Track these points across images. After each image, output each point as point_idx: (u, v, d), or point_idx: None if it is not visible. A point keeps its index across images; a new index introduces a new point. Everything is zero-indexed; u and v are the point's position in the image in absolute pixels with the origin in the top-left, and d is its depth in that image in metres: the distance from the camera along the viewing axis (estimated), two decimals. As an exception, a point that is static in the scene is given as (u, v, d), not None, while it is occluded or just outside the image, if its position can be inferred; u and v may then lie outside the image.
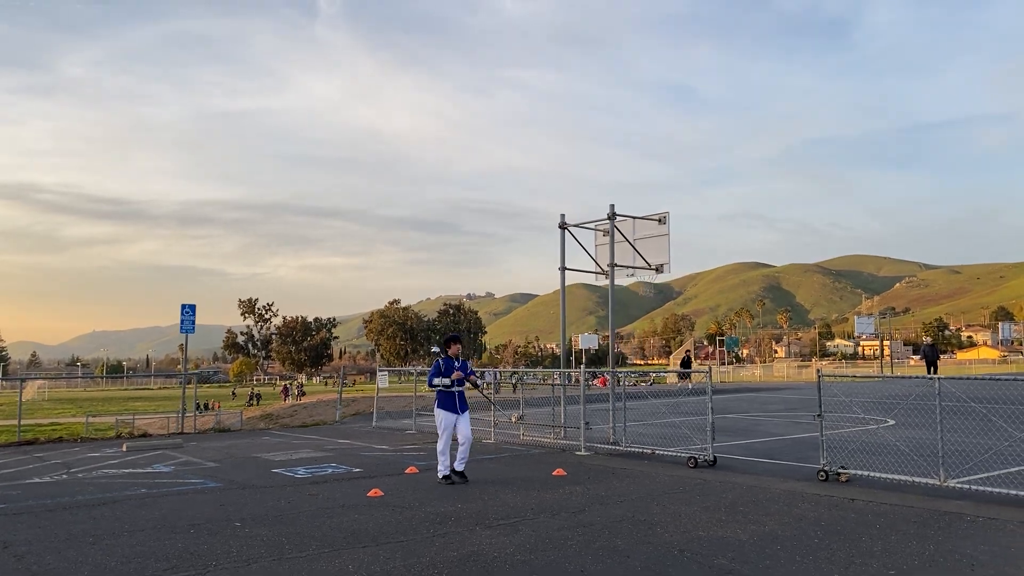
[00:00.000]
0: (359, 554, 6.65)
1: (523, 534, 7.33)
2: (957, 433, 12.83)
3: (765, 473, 10.80)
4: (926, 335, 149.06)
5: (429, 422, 18.64)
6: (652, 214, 15.52)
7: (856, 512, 8.15)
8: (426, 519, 8.03)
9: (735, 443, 14.26)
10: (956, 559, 6.29)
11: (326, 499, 9.29)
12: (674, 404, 22.96)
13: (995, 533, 7.16)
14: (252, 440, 16.56)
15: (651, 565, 6.22)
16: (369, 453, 13.69)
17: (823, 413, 10.46)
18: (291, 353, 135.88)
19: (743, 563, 6.23)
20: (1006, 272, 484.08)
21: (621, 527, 7.58)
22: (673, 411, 20.16)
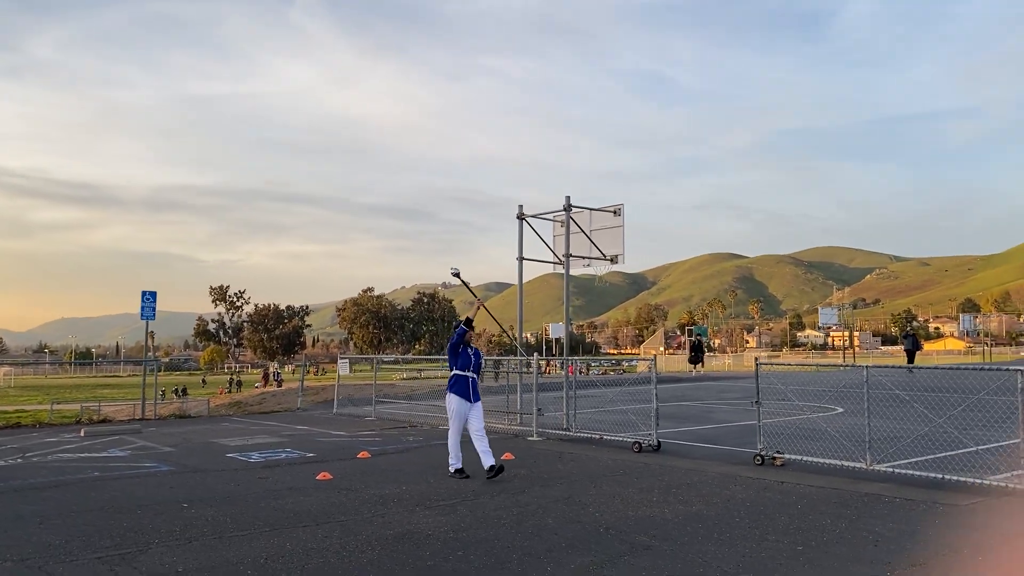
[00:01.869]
0: (299, 533, 6.91)
1: (460, 514, 7.63)
2: (896, 420, 13.29)
3: (705, 457, 11.18)
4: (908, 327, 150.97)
5: (389, 409, 18.91)
6: (607, 206, 15.84)
7: (783, 494, 8.53)
8: (369, 500, 8.30)
9: (684, 429, 14.66)
10: (863, 536, 6.68)
11: (275, 482, 9.53)
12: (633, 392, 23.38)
13: (907, 513, 7.56)
14: (211, 426, 16.72)
15: (575, 541, 6.54)
16: (325, 439, 13.93)
17: (760, 400, 10.86)
18: (263, 341, 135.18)
19: (663, 540, 6.58)
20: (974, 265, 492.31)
21: (556, 507, 7.90)
22: (632, 399, 20.57)
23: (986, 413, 12.42)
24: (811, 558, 5.99)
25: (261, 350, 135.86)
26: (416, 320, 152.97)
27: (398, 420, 16.81)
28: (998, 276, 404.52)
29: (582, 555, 6.13)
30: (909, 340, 32.66)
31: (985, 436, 11.22)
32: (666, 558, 6.04)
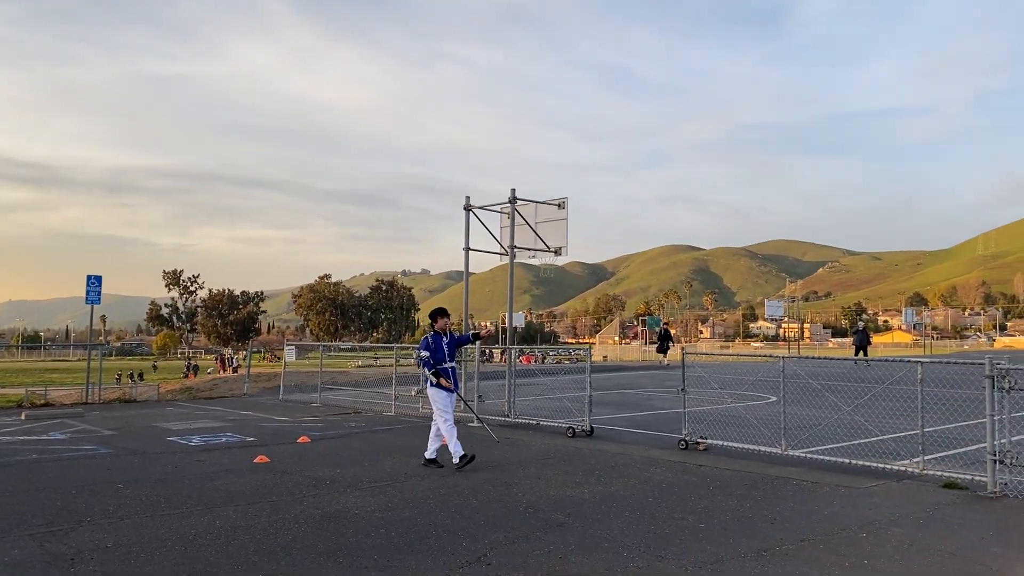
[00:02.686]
0: (229, 511, 7.18)
1: (389, 495, 7.96)
2: (819, 409, 13.90)
3: (634, 442, 11.64)
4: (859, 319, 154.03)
5: (335, 396, 19.11)
6: (552, 199, 16.19)
7: (699, 476, 9.00)
8: (303, 483, 8.58)
9: (621, 416, 15.12)
10: (764, 514, 7.15)
11: (212, 464, 9.75)
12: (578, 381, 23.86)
13: (809, 494, 8.07)
14: (156, 411, 16.80)
15: (495, 520, 6.91)
16: (268, 424, 14.13)
17: (685, 388, 11.34)
18: (217, 327, 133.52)
19: (576, 517, 6.98)
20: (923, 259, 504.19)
21: (483, 488, 8.27)
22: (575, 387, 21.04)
23: (902, 403, 13.07)
24: (709, 534, 6.44)
25: (215, 336, 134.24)
26: (374, 308, 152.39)
27: (343, 407, 17.05)
28: (946, 271, 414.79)
29: (498, 532, 6.50)
30: (859, 334, 33.08)
31: (897, 425, 11.83)
32: (576, 534, 6.44)
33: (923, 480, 8.65)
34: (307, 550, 5.96)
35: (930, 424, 11.66)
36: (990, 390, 8.11)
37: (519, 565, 5.61)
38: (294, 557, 5.78)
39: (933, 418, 12.80)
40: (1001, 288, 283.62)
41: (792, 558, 5.80)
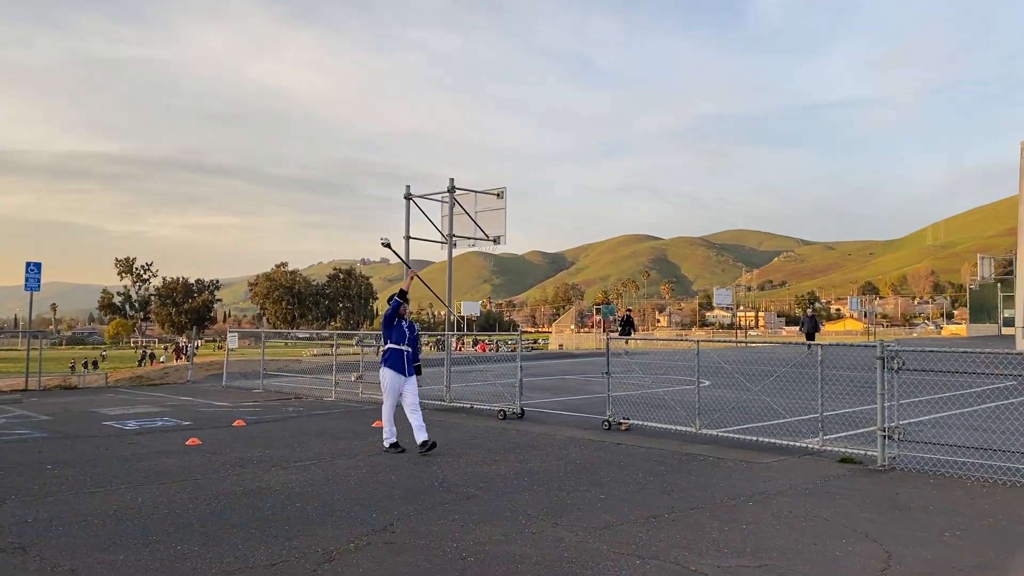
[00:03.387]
0: (153, 489, 7.44)
1: (312, 472, 8.28)
2: (742, 392, 14.48)
3: (562, 424, 12.07)
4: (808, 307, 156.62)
5: (279, 382, 19.30)
6: (491, 189, 16.52)
7: (614, 453, 9.45)
8: (230, 462, 8.85)
9: (556, 399, 15.57)
10: (664, 487, 7.61)
11: (144, 447, 9.96)
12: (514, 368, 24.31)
13: (712, 469, 8.56)
14: (96, 397, 16.85)
15: (409, 493, 7.27)
16: (206, 409, 14.31)
17: (610, 372, 11.80)
18: (171, 315, 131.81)
19: (487, 491, 7.37)
20: (876, 249, 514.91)
21: (404, 466, 8.62)
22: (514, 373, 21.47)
23: (816, 385, 13.68)
24: (607, 504, 6.87)
25: (169, 324, 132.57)
26: (332, 296, 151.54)
27: (285, 393, 17.26)
28: (897, 261, 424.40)
29: (410, 504, 6.86)
30: (808, 322, 33.57)
31: (809, 406, 12.41)
32: (483, 505, 6.83)
33: (822, 456, 9.19)
34: (222, 523, 6.26)
35: (842, 405, 12.33)
36: (881, 370, 8.66)
37: (422, 533, 5.98)
38: (208, 529, 6.08)
39: (844, 399, 13.49)
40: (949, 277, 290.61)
41: (677, 523, 6.26)
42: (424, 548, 5.58)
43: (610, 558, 5.37)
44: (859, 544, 5.72)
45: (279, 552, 5.47)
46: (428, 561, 5.29)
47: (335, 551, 5.51)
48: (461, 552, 5.49)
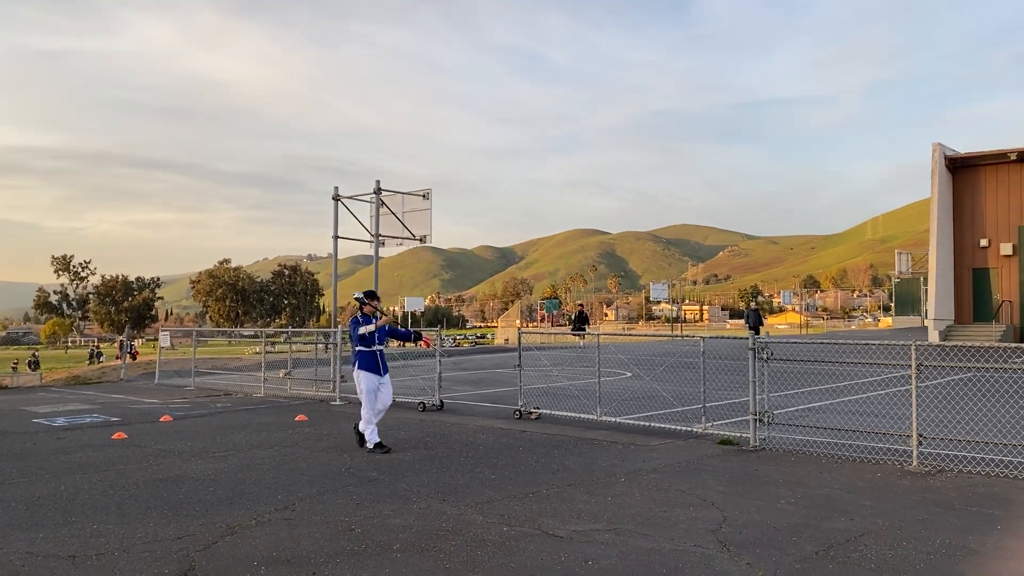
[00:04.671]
0: (76, 478, 7.98)
1: (229, 462, 8.88)
2: (658, 382, 15.40)
3: (478, 414, 12.82)
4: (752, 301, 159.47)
5: (211, 380, 19.68)
6: (417, 190, 17.20)
7: (517, 440, 10.22)
8: (152, 454, 9.40)
9: (479, 392, 16.29)
10: (552, 467, 8.40)
11: (71, 441, 10.43)
12: (455, 362, 25.07)
13: (602, 451, 9.39)
14: (27, 396, 17.09)
15: (316, 479, 7.94)
16: (136, 406, 14.73)
17: (521, 364, 12.59)
18: (111, 314, 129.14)
19: (387, 474, 8.08)
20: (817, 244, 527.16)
21: (316, 456, 9.27)
22: (451, 367, 22.21)
23: (724, 376, 14.68)
24: (495, 483, 7.63)
25: (109, 323, 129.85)
26: (276, 293, 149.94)
27: (215, 389, 17.69)
28: (838, 254, 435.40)
29: (314, 487, 7.53)
30: (753, 315, 33.96)
31: (709, 395, 13.36)
32: (382, 487, 7.54)
33: (705, 439, 10.09)
34: (139, 506, 6.86)
35: (738, 395, 13.27)
36: (752, 360, 9.60)
37: (319, 511, 6.66)
38: (124, 511, 6.67)
39: (740, 389, 14.48)
40: (888, 271, 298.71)
41: (551, 498, 7.05)
42: (318, 523, 6.27)
43: (482, 526, 6.13)
44: (703, 511, 6.57)
45: (187, 528, 6.10)
46: (319, 532, 5.98)
47: (237, 526, 6.16)
48: (351, 525, 6.19)
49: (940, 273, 31.72)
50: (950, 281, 32.55)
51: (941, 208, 31.79)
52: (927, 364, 8.69)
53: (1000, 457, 8.22)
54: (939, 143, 31.76)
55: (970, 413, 10.69)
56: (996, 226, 31.81)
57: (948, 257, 32.42)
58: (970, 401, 11.01)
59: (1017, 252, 31.32)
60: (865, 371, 16.70)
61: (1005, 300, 31.55)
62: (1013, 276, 31.53)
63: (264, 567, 5.17)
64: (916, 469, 8.09)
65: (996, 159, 31.68)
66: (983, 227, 32.08)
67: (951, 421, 10.26)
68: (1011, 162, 31.22)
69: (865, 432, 9.33)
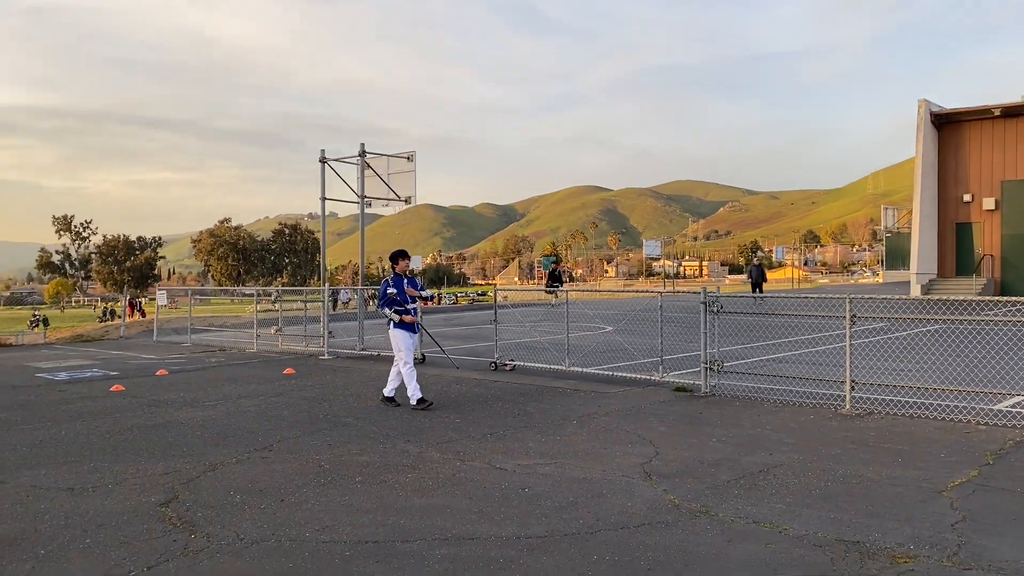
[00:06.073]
0: (76, 425, 8.72)
1: (217, 410, 9.61)
2: (633, 336, 16.11)
3: (459, 367, 13.53)
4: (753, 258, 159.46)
5: (207, 337, 20.42)
6: (402, 152, 17.70)
7: (488, 389, 10.94)
8: (147, 404, 10.13)
9: (464, 346, 17.01)
10: (515, 412, 9.12)
11: (72, 393, 11.17)
12: (447, 318, 25.82)
13: (563, 398, 10.10)
14: (31, 353, 17.85)
15: (296, 423, 8.67)
16: (135, 361, 15.47)
17: (497, 319, 13.28)
18: (113, 273, 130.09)
19: (363, 420, 8.81)
20: (817, 198, 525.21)
21: (299, 404, 10.00)
22: (445, 323, 22.96)
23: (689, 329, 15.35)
24: (458, 427, 8.35)
25: (111, 283, 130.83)
26: (277, 252, 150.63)
27: (211, 345, 18.43)
28: (838, 209, 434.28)
29: (293, 431, 8.26)
30: (755, 271, 33.82)
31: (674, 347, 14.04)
32: (353, 430, 8.27)
33: (663, 386, 10.79)
34: (132, 447, 7.59)
35: (699, 347, 13.94)
36: (704, 313, 10.27)
37: (295, 450, 7.39)
38: (119, 452, 7.41)
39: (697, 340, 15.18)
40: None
41: (506, 438, 7.77)
42: (292, 460, 7.01)
43: (438, 462, 6.86)
44: (640, 447, 7.30)
45: (174, 466, 6.84)
46: (291, 468, 6.72)
47: (219, 464, 6.90)
48: (320, 462, 6.92)
49: (923, 228, 32.29)
50: (934, 236, 33.13)
51: (925, 164, 32.23)
52: (860, 315, 9.36)
53: (927, 400, 8.95)
54: (925, 99, 32.09)
55: (914, 362, 11.42)
56: (980, 181, 32.29)
57: (932, 212, 32.96)
58: (920, 352, 11.75)
59: (999, 207, 31.85)
60: (827, 324, 17.39)
61: (987, 254, 32.16)
62: (995, 231, 32.09)
63: (239, 495, 5.90)
64: (848, 412, 8.79)
65: (981, 115, 32.04)
66: (967, 182, 32.56)
67: (895, 370, 10.99)
68: (995, 118, 31.60)
69: (809, 379, 10.03)
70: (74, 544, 4.88)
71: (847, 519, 5.16)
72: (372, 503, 5.67)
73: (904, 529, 4.95)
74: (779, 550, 4.63)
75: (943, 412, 8.44)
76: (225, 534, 5.03)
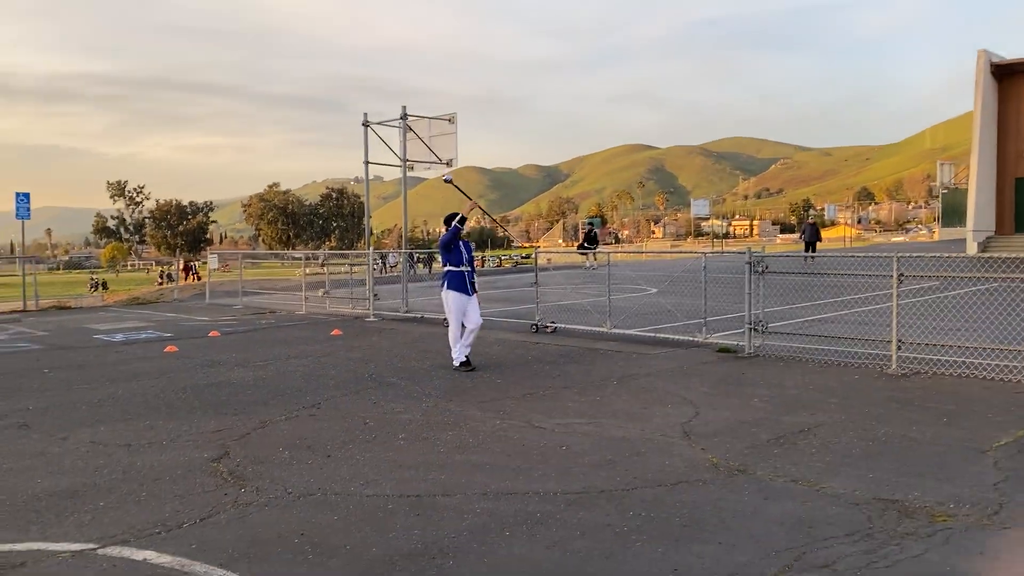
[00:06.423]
0: (132, 384, 9.05)
1: (267, 370, 9.88)
2: (676, 296, 16.03)
3: (499, 328, 13.63)
4: (808, 215, 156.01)
5: (258, 299, 20.87)
6: (443, 115, 17.70)
7: (528, 350, 11.04)
8: (200, 364, 10.45)
9: (505, 308, 17.08)
10: (554, 374, 9.20)
11: (128, 354, 11.56)
12: (489, 281, 25.94)
13: (605, 359, 10.14)
14: (89, 315, 18.45)
15: (342, 383, 8.87)
16: (188, 323, 15.92)
17: (538, 281, 13.33)
18: (166, 238, 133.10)
19: (406, 379, 8.97)
20: (871, 155, 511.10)
21: (345, 364, 10.22)
22: (488, 286, 23.10)
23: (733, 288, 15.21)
24: (499, 387, 8.47)
25: (165, 247, 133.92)
26: (325, 216, 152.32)
27: (261, 308, 18.85)
28: (893, 166, 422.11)
29: (339, 390, 8.46)
30: (810, 230, 32.65)
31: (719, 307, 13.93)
32: (397, 390, 8.44)
33: (705, 347, 10.76)
34: (185, 405, 7.87)
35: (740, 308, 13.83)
36: (748, 274, 10.18)
37: (341, 409, 7.59)
38: (173, 410, 7.68)
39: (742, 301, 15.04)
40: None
41: (545, 398, 7.87)
42: (338, 417, 7.20)
43: (479, 420, 6.98)
44: (680, 408, 7.33)
45: (225, 423, 7.08)
46: (337, 424, 6.91)
47: (268, 421, 7.12)
48: (365, 420, 7.10)
49: (981, 184, 31.32)
50: (992, 192, 32.14)
51: (984, 117, 31.16)
52: (908, 274, 9.19)
53: (975, 360, 8.78)
54: (984, 49, 30.90)
55: (964, 322, 11.19)
56: (1042, 135, 31.14)
57: (991, 167, 31.92)
58: (972, 311, 11.48)
59: (1062, 161, 30.70)
60: (875, 283, 17.05)
61: (1048, 211, 31.13)
62: (1057, 186, 31.00)
63: (287, 451, 6.10)
64: (894, 372, 8.69)
65: (1044, 65, 30.78)
66: (1028, 136, 31.42)
67: (945, 329, 10.78)
68: (1060, 68, 30.33)
69: (855, 339, 9.90)
70: (131, 496, 5.12)
71: (887, 478, 5.14)
72: (415, 459, 5.81)
73: (944, 488, 4.93)
74: (816, 508, 4.65)
75: (992, 372, 8.30)
76: (273, 488, 5.22)
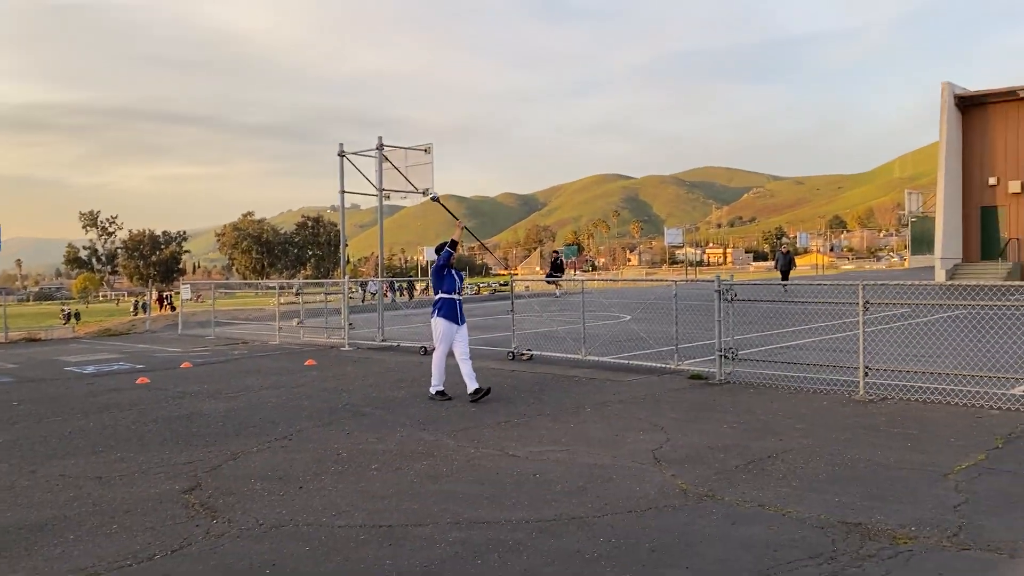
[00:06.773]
0: (103, 416, 8.98)
1: (239, 401, 9.84)
2: (649, 324, 16.17)
3: (475, 357, 13.32)
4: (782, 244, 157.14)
5: (230, 330, 20.75)
6: (419, 145, 17.87)
7: (504, 378, 11.08)
8: (172, 396, 10.38)
9: (481, 336, 17.13)
10: (530, 401, 9.25)
11: (100, 386, 11.46)
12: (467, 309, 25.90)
13: (579, 386, 10.21)
14: (59, 347, 18.25)
15: (315, 414, 8.86)
16: (160, 354, 15.79)
17: (514, 309, 13.41)
18: (139, 268, 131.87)
19: (381, 409, 8.99)
20: (843, 183, 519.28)
21: (319, 395, 10.20)
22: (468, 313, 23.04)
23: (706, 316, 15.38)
24: (474, 416, 8.51)
25: (138, 277, 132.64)
26: (301, 245, 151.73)
27: (234, 338, 18.74)
28: (864, 194, 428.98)
29: (312, 421, 8.45)
30: (782, 259, 32.25)
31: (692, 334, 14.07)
32: (371, 419, 8.45)
33: (677, 374, 10.88)
34: (157, 438, 7.82)
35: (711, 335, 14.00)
36: (718, 301, 10.34)
37: (314, 440, 7.58)
38: (144, 442, 7.64)
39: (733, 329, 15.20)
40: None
41: (519, 426, 7.92)
42: (311, 448, 7.20)
43: (452, 449, 7.01)
44: (651, 434, 7.41)
45: (197, 455, 7.05)
46: (310, 455, 6.91)
47: (240, 453, 7.10)
48: (339, 450, 7.10)
49: (948, 212, 31.95)
50: (958, 220, 32.79)
51: (949, 147, 31.87)
52: (874, 301, 9.39)
53: (941, 386, 8.96)
54: (948, 82, 31.71)
55: (932, 348, 11.40)
56: (1005, 164, 31.88)
57: (956, 196, 32.60)
58: (939, 337, 11.71)
59: (1025, 190, 31.41)
60: (845, 311, 17.31)
61: (1013, 238, 31.79)
62: (1021, 214, 31.71)
63: (259, 482, 6.09)
64: (861, 398, 8.83)
65: (1006, 97, 31.61)
66: (992, 165, 32.16)
67: (912, 356, 10.99)
68: (1021, 99, 31.15)
69: (823, 366, 10.06)
70: (102, 529, 5.09)
71: (852, 502, 5.24)
72: (387, 489, 5.83)
73: (907, 511, 5.03)
74: (781, 532, 4.73)
75: (957, 397, 8.47)
76: (245, 519, 5.21)
